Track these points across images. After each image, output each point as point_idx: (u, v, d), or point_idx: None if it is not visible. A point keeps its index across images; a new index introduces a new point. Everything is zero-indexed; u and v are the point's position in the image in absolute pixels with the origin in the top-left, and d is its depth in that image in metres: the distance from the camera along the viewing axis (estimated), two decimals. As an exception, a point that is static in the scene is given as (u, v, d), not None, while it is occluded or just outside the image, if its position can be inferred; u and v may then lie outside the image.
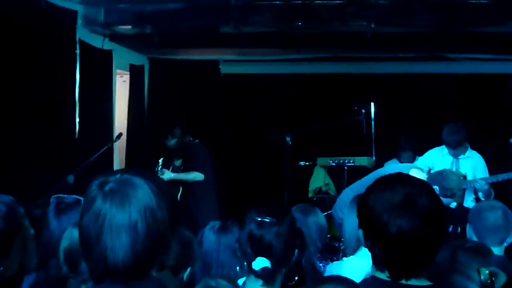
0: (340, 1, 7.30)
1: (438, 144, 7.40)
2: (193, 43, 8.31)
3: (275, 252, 2.67)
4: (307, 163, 7.95)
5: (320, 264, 4.16)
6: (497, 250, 3.94)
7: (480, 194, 7.15)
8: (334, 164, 7.73)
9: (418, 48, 8.31)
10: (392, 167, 6.61)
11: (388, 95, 8.51)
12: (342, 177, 7.56)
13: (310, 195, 8.22)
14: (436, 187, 6.14)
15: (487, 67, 8.59)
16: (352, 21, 7.47)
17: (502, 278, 2.63)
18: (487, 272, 2.57)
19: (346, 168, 7.56)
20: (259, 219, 2.70)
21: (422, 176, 6.18)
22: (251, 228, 2.71)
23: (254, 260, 2.65)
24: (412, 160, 7.54)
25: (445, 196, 6.16)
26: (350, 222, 3.96)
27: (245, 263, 2.70)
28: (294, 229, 2.77)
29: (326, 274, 3.73)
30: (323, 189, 8.17)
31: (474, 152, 7.32)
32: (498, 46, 8.18)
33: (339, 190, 7.53)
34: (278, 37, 8.12)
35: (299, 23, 7.53)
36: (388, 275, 2.23)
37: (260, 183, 8.46)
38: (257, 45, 8.44)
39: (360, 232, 2.32)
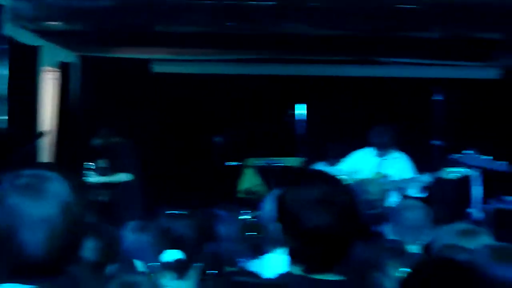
0: (273, 2, 7.35)
1: (368, 145, 7.54)
2: (125, 41, 8.21)
3: (187, 244, 2.68)
4: (237, 164, 7.95)
5: (243, 260, 4.17)
6: (415, 249, 4.04)
7: (413, 191, 7.30)
8: (264, 165, 7.76)
9: (351, 52, 8.44)
10: None
11: (319, 97, 8.59)
12: (271, 178, 7.60)
13: (240, 195, 8.22)
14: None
15: (416, 71, 8.80)
16: (285, 23, 7.53)
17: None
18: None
19: (275, 169, 7.61)
20: (170, 212, 2.71)
21: None
22: (163, 222, 2.71)
23: (167, 253, 2.66)
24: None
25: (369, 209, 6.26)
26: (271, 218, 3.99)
27: (160, 257, 2.70)
28: (205, 222, 2.79)
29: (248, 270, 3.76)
30: (253, 189, 8.17)
31: (401, 152, 7.48)
32: (426, 51, 8.39)
33: (271, 187, 7.56)
34: (211, 37, 8.11)
35: (232, 24, 7.55)
36: (303, 269, 2.26)
37: (190, 183, 8.42)
38: (190, 45, 8.42)
39: (279, 226, 2.36)
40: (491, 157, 6.35)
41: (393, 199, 7.43)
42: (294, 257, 2.29)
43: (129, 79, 8.75)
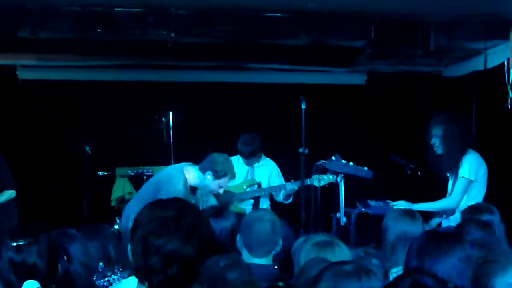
0: (140, 10, 7.31)
1: (236, 153, 7.62)
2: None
3: (41, 272, 2.63)
4: (106, 173, 7.84)
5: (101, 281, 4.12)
6: (265, 261, 4.14)
7: (280, 197, 7.45)
8: (133, 174, 7.72)
9: (219, 58, 8.50)
10: (168, 168, 6.63)
11: (189, 104, 8.59)
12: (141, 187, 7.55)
13: (112, 203, 8.12)
14: (208, 173, 6.23)
15: (285, 77, 8.97)
16: (152, 30, 7.50)
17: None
18: None
19: (145, 177, 7.57)
20: (16, 243, 2.64)
21: (194, 168, 6.28)
22: (10, 255, 2.64)
23: (21, 286, 2.59)
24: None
25: (219, 178, 6.25)
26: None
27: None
28: (52, 245, 2.75)
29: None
30: (126, 197, 8.10)
31: (268, 159, 7.63)
32: (295, 57, 8.58)
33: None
34: (79, 43, 7.97)
35: (99, 30, 7.44)
36: (147, 285, 2.34)
37: (60, 193, 8.23)
38: (57, 51, 8.23)
39: (129, 246, 2.39)
40: (354, 163, 6.60)
41: (265, 206, 7.59)
42: (139, 274, 2.35)
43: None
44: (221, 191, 6.38)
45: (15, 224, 6.75)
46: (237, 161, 7.40)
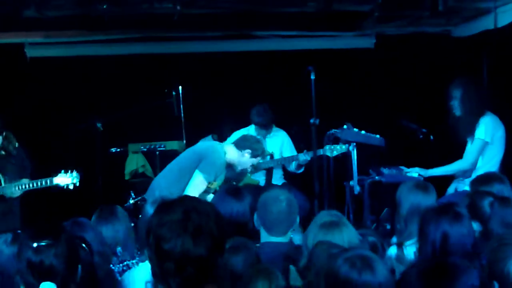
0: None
1: (248, 123, 7.63)
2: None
3: (58, 273, 2.66)
4: (119, 149, 7.86)
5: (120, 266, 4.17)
6: (283, 239, 4.18)
7: (292, 167, 7.49)
8: (145, 149, 7.73)
9: (226, 27, 8.46)
10: (203, 144, 6.71)
11: (197, 76, 8.57)
12: (154, 162, 7.60)
13: (126, 177, 8.16)
14: (247, 151, 6.32)
15: (293, 43, 8.91)
16: (158, 3, 7.49)
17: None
18: None
19: (157, 153, 7.60)
20: (35, 244, 2.67)
21: (231, 145, 6.38)
22: (28, 256, 2.67)
23: (38, 287, 2.63)
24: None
25: (257, 156, 6.40)
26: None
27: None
28: (72, 245, 2.78)
29: (125, 281, 3.75)
30: (140, 170, 8.13)
31: (279, 129, 7.64)
32: (302, 23, 8.52)
33: (155, 172, 7.54)
34: (84, 19, 7.96)
35: (104, 6, 7.42)
36: None
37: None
38: (63, 28, 8.23)
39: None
40: (366, 131, 6.58)
41: (277, 176, 7.63)
42: (158, 278, 2.38)
43: (2, 65, 8.43)
44: (251, 169, 6.51)
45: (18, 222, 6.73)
46: (248, 132, 7.43)
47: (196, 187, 6.03)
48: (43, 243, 2.67)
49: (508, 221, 3.99)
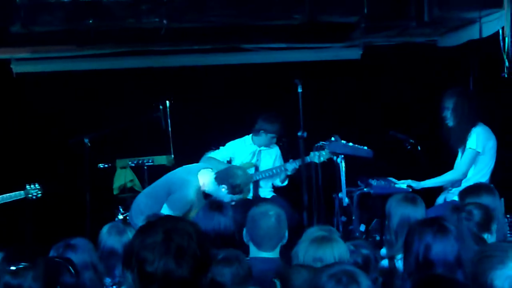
0: (131, -1, 7.27)
1: (240, 135, 7.61)
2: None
3: None
4: (107, 165, 7.83)
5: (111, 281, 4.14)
6: (272, 254, 4.17)
7: (277, 182, 7.49)
8: (133, 165, 7.71)
9: (213, 41, 8.45)
10: (182, 168, 6.69)
11: (185, 89, 8.55)
12: (143, 177, 7.57)
13: (115, 192, 8.12)
14: (224, 186, 6.30)
15: (281, 56, 8.92)
16: (145, 18, 7.47)
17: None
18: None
19: (145, 168, 7.58)
20: (13, 268, 2.65)
21: (211, 175, 6.34)
22: (6, 280, 2.65)
23: None
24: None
25: (234, 193, 6.32)
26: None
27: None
28: (51, 268, 2.76)
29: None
30: (128, 185, 8.10)
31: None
32: (289, 35, 8.53)
33: (144, 186, 7.52)
34: (71, 34, 7.93)
35: (91, 21, 7.41)
36: None
37: (62, 187, 8.22)
38: (50, 43, 8.20)
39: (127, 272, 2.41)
40: (354, 142, 6.61)
41: (267, 190, 7.61)
42: None
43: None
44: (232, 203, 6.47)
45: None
46: (243, 143, 7.42)
47: None
48: (21, 266, 2.65)
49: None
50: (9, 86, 8.56)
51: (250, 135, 7.56)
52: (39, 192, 6.93)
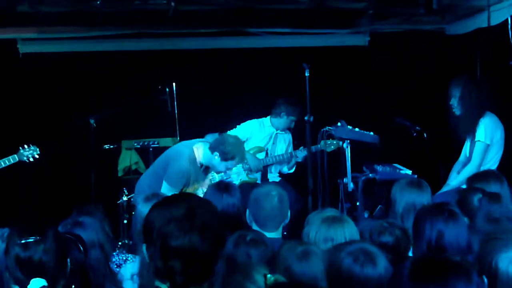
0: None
1: (245, 119, 7.60)
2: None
3: (48, 269, 2.65)
4: (112, 146, 7.83)
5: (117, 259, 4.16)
6: (275, 234, 4.19)
7: (284, 169, 7.51)
8: (139, 146, 7.71)
9: (220, 24, 8.43)
10: (180, 144, 6.68)
11: (192, 72, 8.53)
12: (148, 159, 7.57)
13: (119, 174, 8.14)
14: (216, 154, 6.21)
15: (288, 41, 8.89)
16: (153, 0, 7.47)
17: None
18: (272, 279, 2.70)
19: (151, 149, 7.58)
20: (23, 241, 2.66)
21: (205, 146, 6.29)
22: (17, 252, 2.66)
23: (28, 283, 2.62)
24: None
25: (226, 160, 6.19)
26: (140, 216, 4.02)
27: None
28: (60, 241, 2.76)
29: (121, 274, 3.75)
30: (133, 167, 8.11)
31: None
32: (297, 20, 8.51)
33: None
34: (78, 15, 7.92)
35: (98, 2, 7.40)
36: (169, 285, 2.33)
37: (67, 168, 8.24)
38: (56, 24, 8.18)
39: (144, 246, 2.40)
40: (360, 128, 6.59)
41: (276, 175, 7.61)
42: (159, 274, 2.35)
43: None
44: (229, 172, 6.43)
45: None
46: (261, 125, 7.41)
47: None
48: (30, 239, 2.66)
49: (495, 217, 4.00)
50: (15, 66, 8.53)
51: (268, 117, 7.55)
52: (35, 152, 6.74)
